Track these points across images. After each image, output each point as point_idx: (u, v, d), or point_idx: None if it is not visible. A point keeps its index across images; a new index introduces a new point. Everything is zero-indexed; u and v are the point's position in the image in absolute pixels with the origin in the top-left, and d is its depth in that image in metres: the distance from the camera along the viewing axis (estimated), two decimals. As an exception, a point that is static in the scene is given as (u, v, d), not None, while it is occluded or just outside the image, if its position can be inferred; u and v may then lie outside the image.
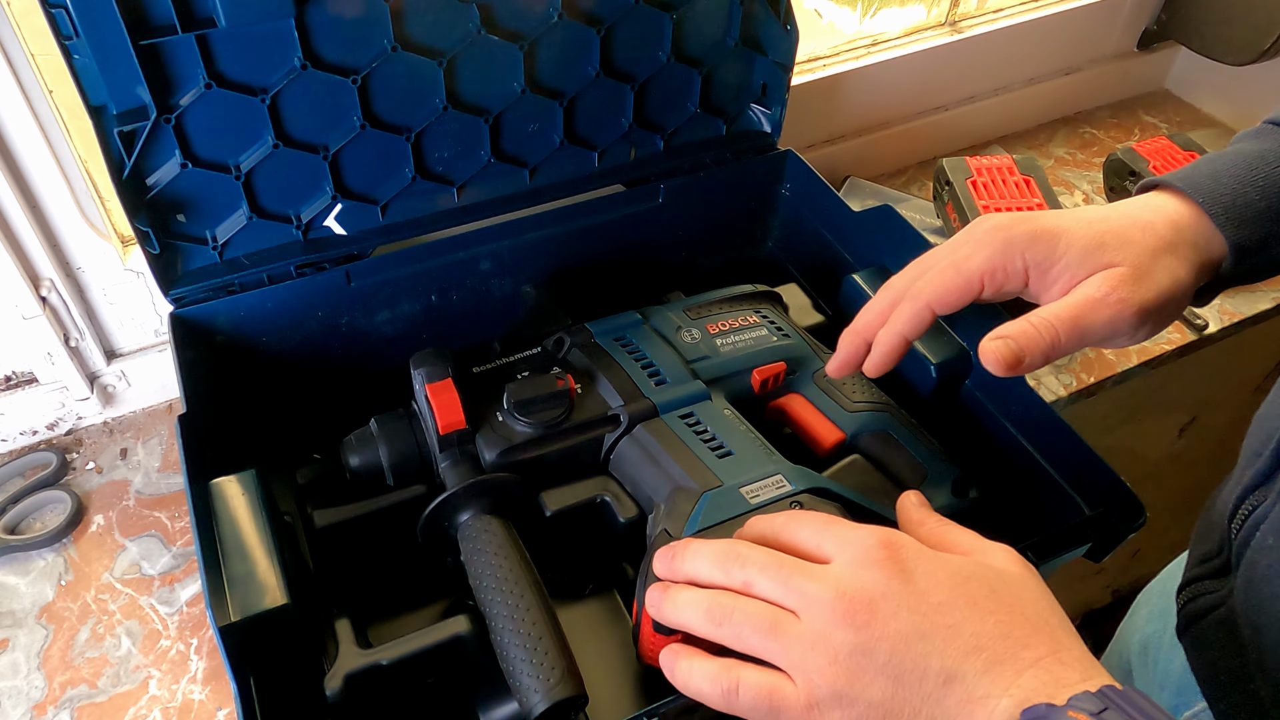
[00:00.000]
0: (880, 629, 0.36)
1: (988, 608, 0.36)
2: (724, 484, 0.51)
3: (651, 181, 0.71)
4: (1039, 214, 0.49)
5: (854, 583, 0.37)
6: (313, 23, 0.54)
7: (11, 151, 0.58)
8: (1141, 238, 0.47)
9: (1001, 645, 0.35)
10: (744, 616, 0.39)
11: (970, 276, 0.49)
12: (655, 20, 0.64)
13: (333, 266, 0.62)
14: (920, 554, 0.39)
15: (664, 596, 0.42)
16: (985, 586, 0.37)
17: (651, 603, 0.43)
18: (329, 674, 0.46)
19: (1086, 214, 0.49)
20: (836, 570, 0.38)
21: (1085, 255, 0.47)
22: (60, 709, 0.56)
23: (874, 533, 0.39)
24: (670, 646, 0.42)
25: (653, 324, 0.62)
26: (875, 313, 0.53)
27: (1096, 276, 0.46)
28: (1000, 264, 0.48)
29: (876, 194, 0.92)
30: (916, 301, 0.50)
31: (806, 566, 0.39)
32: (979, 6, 0.97)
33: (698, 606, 0.40)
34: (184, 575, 0.62)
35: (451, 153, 0.64)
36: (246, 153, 0.57)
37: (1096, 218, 0.48)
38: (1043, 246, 0.48)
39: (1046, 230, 0.48)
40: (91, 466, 0.69)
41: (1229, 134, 1.05)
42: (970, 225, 0.51)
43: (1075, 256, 0.47)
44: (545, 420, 0.54)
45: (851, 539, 0.39)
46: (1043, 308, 0.47)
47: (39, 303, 0.63)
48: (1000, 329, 0.46)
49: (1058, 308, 0.46)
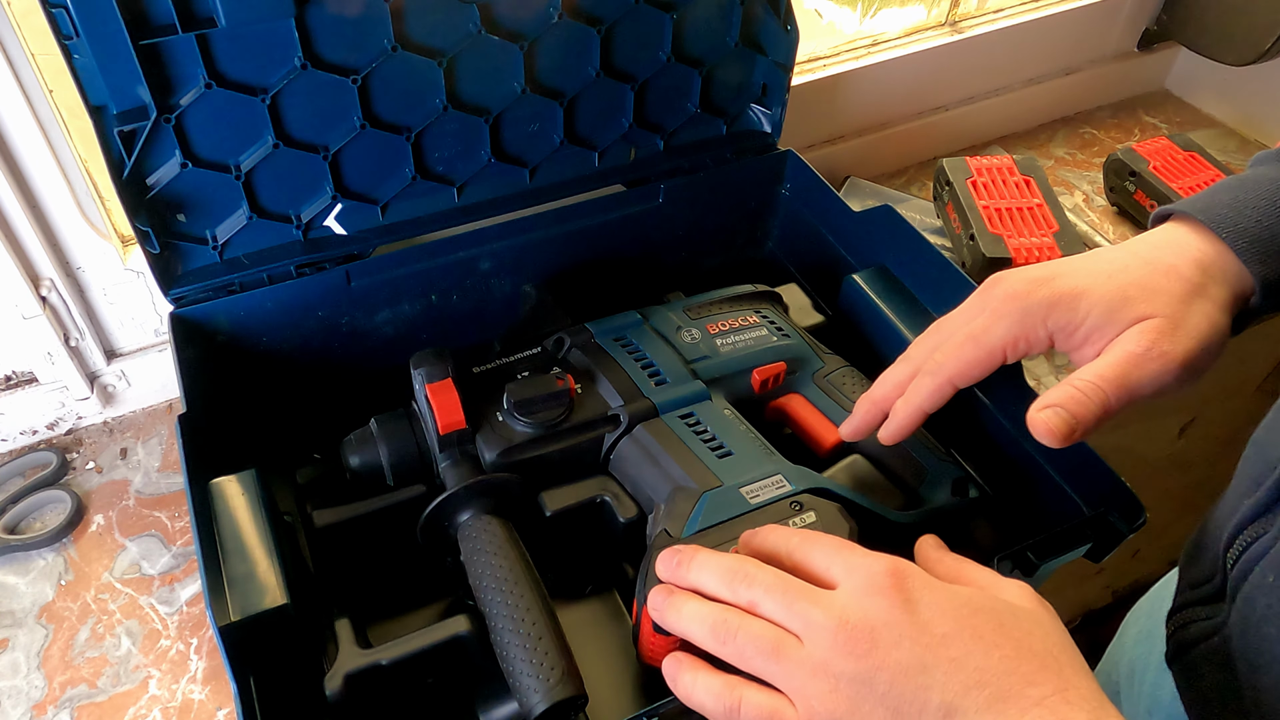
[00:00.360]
0: (880, 659, 0.36)
1: (993, 642, 0.36)
2: (724, 484, 0.51)
3: (651, 181, 0.71)
4: (1055, 271, 0.47)
5: (857, 610, 0.37)
6: (313, 22, 0.54)
7: (11, 151, 0.58)
8: (1169, 285, 0.45)
9: (1006, 681, 0.35)
10: (748, 637, 0.38)
11: (991, 350, 0.47)
12: (655, 20, 0.64)
13: (333, 266, 0.62)
14: (927, 584, 0.38)
15: (667, 602, 0.42)
16: (993, 620, 0.37)
17: (654, 606, 0.43)
18: (329, 674, 0.46)
19: (1104, 264, 0.47)
20: (842, 597, 0.38)
21: (1111, 313, 0.45)
22: (60, 709, 0.56)
23: (882, 560, 0.39)
24: (673, 656, 0.42)
25: (653, 324, 0.62)
26: (893, 384, 0.52)
27: (1133, 331, 0.44)
28: (1021, 334, 0.47)
29: (876, 194, 0.92)
30: (937, 376, 0.49)
31: (812, 591, 0.39)
32: (979, 6, 0.97)
33: (702, 621, 0.40)
34: (184, 575, 0.62)
35: (451, 153, 0.64)
36: (246, 152, 0.57)
37: (1116, 268, 0.46)
38: (1063, 312, 0.46)
39: (1065, 294, 0.46)
40: (91, 466, 0.69)
41: (1229, 134, 1.06)
42: (984, 288, 0.49)
43: (1100, 316, 0.45)
44: (545, 420, 0.54)
45: (859, 565, 0.39)
46: (1085, 369, 0.44)
47: (39, 302, 0.63)
48: (1047, 396, 0.44)
49: (1101, 368, 0.44)
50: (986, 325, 0.47)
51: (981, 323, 0.48)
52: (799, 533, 0.43)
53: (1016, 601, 0.38)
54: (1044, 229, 0.80)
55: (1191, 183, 0.88)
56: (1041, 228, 0.80)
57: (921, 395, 0.49)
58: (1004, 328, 0.47)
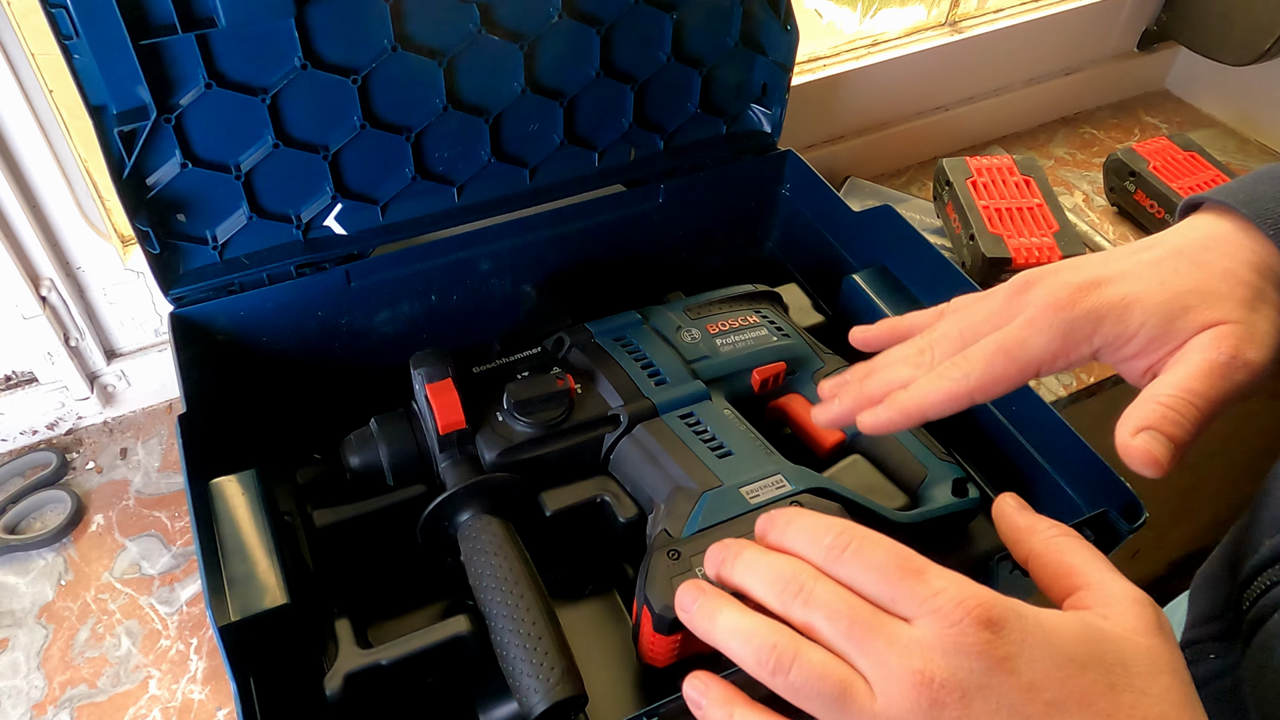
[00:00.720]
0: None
1: (1103, 710, 0.31)
2: (724, 484, 0.51)
3: (651, 181, 0.71)
4: (1097, 275, 0.42)
5: (944, 667, 0.31)
6: (313, 22, 0.54)
7: (11, 151, 0.58)
8: (1229, 289, 0.40)
9: None
10: (807, 673, 0.32)
11: (1025, 366, 0.41)
12: (655, 20, 0.64)
13: (333, 266, 0.62)
14: (1025, 634, 0.31)
15: (700, 604, 0.36)
16: (1103, 680, 0.31)
17: (683, 606, 0.37)
18: (329, 674, 0.47)
19: (1152, 268, 0.41)
20: (922, 641, 0.31)
21: (1168, 323, 0.40)
22: (60, 709, 0.56)
23: (963, 600, 0.31)
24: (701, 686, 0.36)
25: (653, 324, 0.62)
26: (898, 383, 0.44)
27: (1206, 339, 0.39)
28: (1062, 350, 0.41)
29: (876, 194, 0.92)
30: (958, 385, 0.42)
31: (884, 625, 0.32)
32: (979, 6, 0.97)
33: (746, 640, 0.34)
34: (184, 575, 0.62)
35: (451, 153, 0.64)
36: (246, 152, 0.57)
37: (1166, 272, 0.41)
38: (1113, 324, 0.40)
39: (1114, 305, 0.40)
40: (91, 466, 0.69)
41: (1229, 134, 1.06)
42: (1016, 290, 0.43)
43: (1156, 327, 0.40)
44: (545, 420, 0.54)
45: (936, 604, 0.32)
46: (1163, 383, 0.39)
47: (39, 302, 0.63)
48: (1136, 418, 0.38)
49: (1186, 380, 0.38)
50: (1022, 337, 0.41)
51: (1016, 333, 0.41)
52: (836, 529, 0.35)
53: (1130, 637, 0.32)
54: (1044, 229, 0.80)
55: (1191, 183, 0.88)
56: (1041, 228, 0.80)
57: (932, 399, 0.42)
58: (1043, 342, 0.41)
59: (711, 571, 0.38)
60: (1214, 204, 0.44)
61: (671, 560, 0.47)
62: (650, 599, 0.46)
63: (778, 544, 0.37)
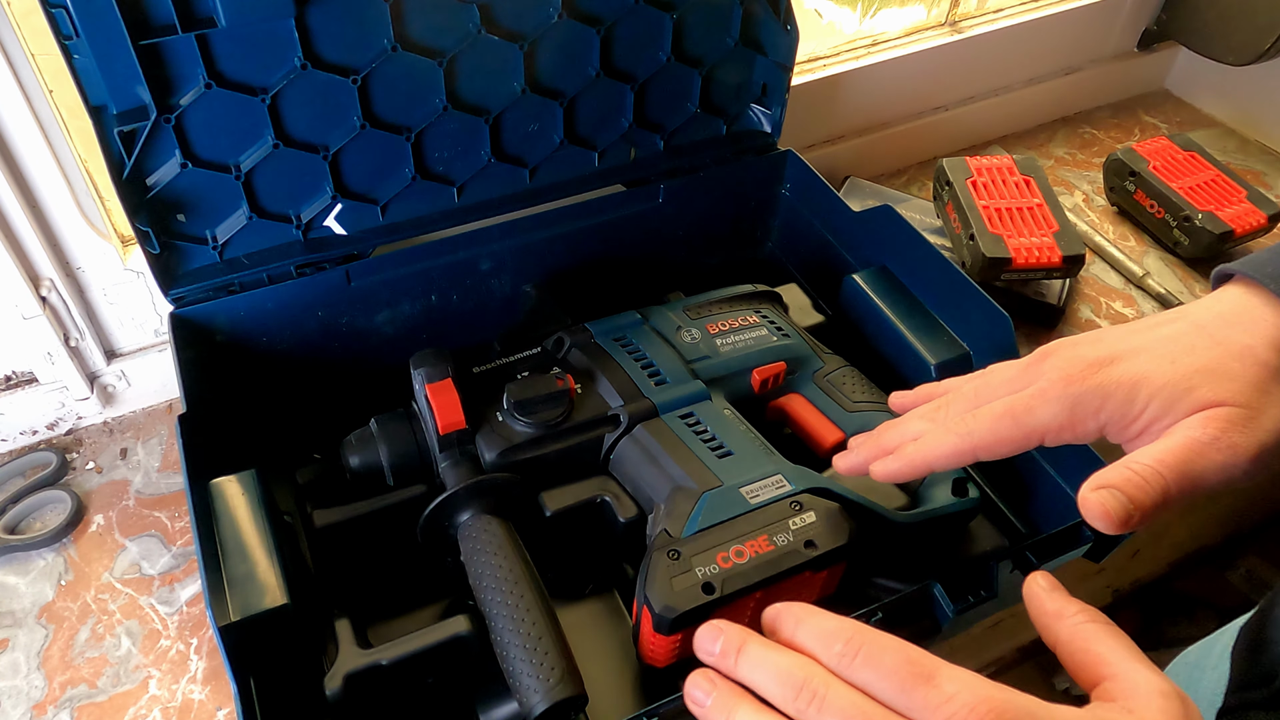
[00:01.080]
0: None
1: None
2: (724, 484, 0.51)
3: (651, 181, 0.71)
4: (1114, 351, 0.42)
5: None
6: (313, 23, 0.54)
7: (11, 151, 0.58)
8: (1243, 370, 0.40)
9: None
10: None
11: (1030, 433, 0.42)
12: (655, 20, 0.64)
13: (333, 266, 0.62)
14: None
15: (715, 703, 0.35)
16: None
17: (695, 702, 0.36)
18: (329, 674, 0.47)
19: (1168, 345, 0.42)
20: None
21: (1172, 402, 0.40)
22: (60, 709, 0.56)
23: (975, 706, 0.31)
24: None
25: (653, 324, 0.62)
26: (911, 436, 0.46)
27: (1198, 418, 0.39)
28: (1066, 423, 0.42)
29: (876, 194, 0.92)
30: (964, 441, 0.43)
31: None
32: (979, 6, 0.97)
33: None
34: (184, 575, 0.62)
35: (451, 153, 0.64)
36: (246, 153, 0.57)
37: (1181, 349, 0.41)
38: (1119, 403, 0.41)
39: (1122, 383, 0.41)
40: (91, 466, 0.69)
41: (1229, 134, 1.06)
42: (1037, 357, 0.44)
43: (1159, 407, 0.40)
44: (545, 420, 0.54)
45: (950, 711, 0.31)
46: (1143, 451, 0.39)
47: (39, 303, 0.63)
48: (1101, 476, 0.39)
49: (1161, 453, 0.39)
50: (1030, 405, 0.42)
51: (1025, 401, 0.42)
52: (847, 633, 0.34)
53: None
54: (1044, 229, 0.80)
55: (1191, 182, 0.88)
56: (1041, 228, 0.80)
57: (938, 453, 0.44)
58: (1050, 413, 0.42)
59: (707, 658, 0.37)
60: (1243, 276, 0.44)
61: (671, 560, 0.47)
62: (650, 599, 0.46)
63: (788, 641, 0.36)
